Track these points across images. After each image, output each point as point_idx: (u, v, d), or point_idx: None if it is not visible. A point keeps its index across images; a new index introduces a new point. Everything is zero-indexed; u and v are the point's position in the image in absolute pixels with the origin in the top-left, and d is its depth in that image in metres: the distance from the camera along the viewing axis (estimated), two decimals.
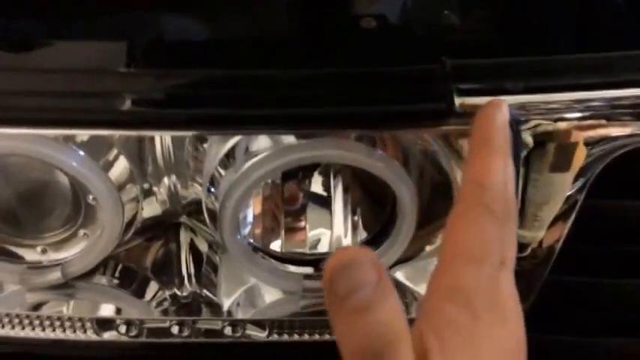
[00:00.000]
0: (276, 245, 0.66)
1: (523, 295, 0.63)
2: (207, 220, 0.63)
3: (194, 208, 0.67)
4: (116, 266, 0.69)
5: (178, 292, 0.69)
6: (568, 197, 0.58)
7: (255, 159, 0.56)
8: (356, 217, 0.66)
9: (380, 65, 0.55)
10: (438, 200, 0.62)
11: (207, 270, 0.70)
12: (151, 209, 0.66)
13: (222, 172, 0.59)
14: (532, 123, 0.55)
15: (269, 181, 0.64)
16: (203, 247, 0.71)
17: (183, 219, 0.69)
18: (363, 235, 0.66)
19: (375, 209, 0.65)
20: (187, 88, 0.55)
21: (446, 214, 0.63)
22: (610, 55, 0.56)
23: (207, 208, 0.62)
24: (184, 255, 0.70)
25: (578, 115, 0.55)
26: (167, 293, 0.69)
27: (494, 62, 0.55)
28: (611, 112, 0.55)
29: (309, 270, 0.65)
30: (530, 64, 0.56)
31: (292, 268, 0.65)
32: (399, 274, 0.67)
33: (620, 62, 0.56)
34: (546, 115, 0.55)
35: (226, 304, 0.68)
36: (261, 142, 0.57)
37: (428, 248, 0.65)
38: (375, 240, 0.64)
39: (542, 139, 0.55)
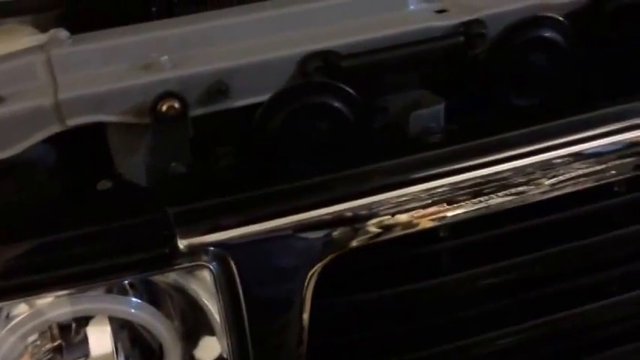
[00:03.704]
0: None
1: None
2: None
3: None
4: None
5: None
6: None
7: (9, 325, 0.60)
8: None
9: (114, 221, 0.62)
10: (201, 333, 0.67)
11: None
12: None
13: None
14: None
15: (48, 333, 0.67)
16: None
17: None
18: None
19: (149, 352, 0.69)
20: None
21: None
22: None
23: None
24: None
25: None
26: None
27: (213, 203, 0.63)
28: None
29: None
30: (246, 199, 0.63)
31: None
32: None
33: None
34: None
35: None
36: (19, 308, 0.62)
37: None
38: None
39: None
